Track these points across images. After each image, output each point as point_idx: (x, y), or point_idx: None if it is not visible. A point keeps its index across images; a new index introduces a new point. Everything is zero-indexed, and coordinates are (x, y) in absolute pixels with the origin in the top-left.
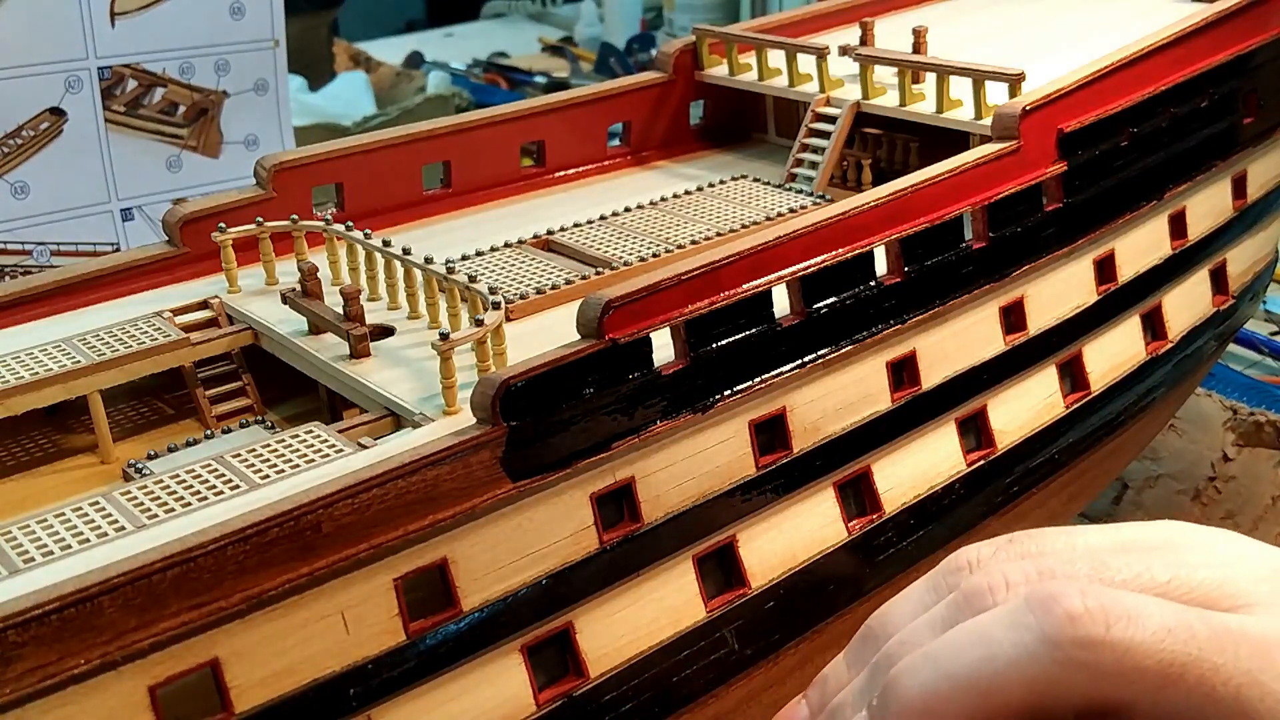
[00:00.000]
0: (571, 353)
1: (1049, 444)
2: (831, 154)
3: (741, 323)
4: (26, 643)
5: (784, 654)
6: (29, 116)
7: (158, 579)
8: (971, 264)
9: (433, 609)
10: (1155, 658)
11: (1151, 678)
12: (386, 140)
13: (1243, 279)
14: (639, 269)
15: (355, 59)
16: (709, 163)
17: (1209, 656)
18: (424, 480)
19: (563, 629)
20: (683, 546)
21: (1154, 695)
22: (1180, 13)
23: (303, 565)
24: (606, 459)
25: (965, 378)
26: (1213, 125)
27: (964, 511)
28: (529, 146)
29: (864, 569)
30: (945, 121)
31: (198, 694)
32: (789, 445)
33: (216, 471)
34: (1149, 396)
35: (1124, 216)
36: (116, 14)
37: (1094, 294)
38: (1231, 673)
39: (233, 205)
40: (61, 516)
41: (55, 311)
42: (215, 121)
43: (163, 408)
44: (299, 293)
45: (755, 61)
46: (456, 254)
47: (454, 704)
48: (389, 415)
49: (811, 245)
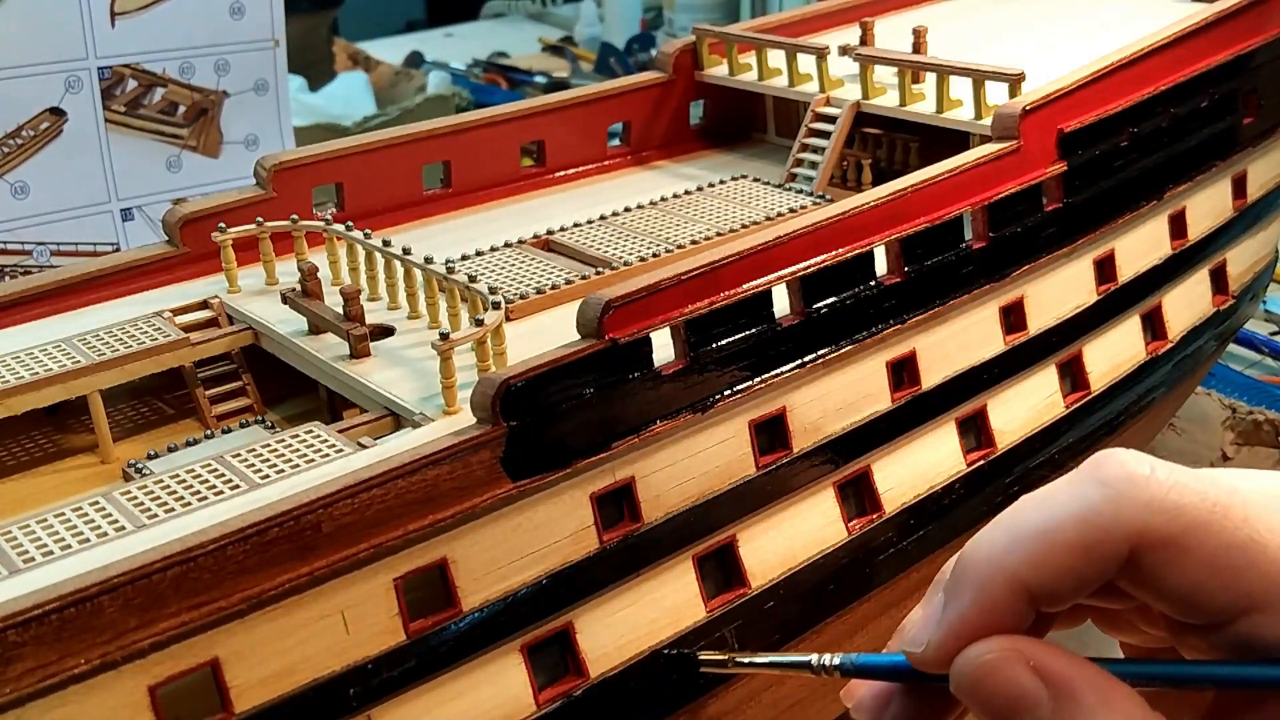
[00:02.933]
0: (571, 353)
1: (1049, 444)
2: (831, 154)
3: (741, 322)
4: (26, 643)
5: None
6: (29, 116)
7: (158, 579)
8: (971, 264)
9: (433, 609)
10: (1199, 495)
11: (1197, 513)
12: (386, 140)
13: (1243, 279)
14: (639, 269)
15: (355, 59)
16: (709, 163)
17: (1256, 500)
18: (424, 480)
19: (563, 629)
20: (683, 546)
21: (1200, 535)
22: (1180, 13)
23: (303, 565)
24: (606, 459)
25: (965, 378)
26: (1212, 125)
27: (964, 511)
28: (529, 146)
29: (864, 569)
30: (945, 121)
31: (198, 694)
32: (789, 445)
33: (216, 471)
34: (1149, 396)
35: (1124, 216)
36: (116, 14)
37: (1094, 294)
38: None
39: (233, 205)
40: (61, 516)
41: (55, 311)
42: (215, 121)
43: (163, 408)
44: (299, 293)
45: (755, 61)
46: (456, 254)
47: (454, 704)
48: (389, 415)
49: (811, 245)
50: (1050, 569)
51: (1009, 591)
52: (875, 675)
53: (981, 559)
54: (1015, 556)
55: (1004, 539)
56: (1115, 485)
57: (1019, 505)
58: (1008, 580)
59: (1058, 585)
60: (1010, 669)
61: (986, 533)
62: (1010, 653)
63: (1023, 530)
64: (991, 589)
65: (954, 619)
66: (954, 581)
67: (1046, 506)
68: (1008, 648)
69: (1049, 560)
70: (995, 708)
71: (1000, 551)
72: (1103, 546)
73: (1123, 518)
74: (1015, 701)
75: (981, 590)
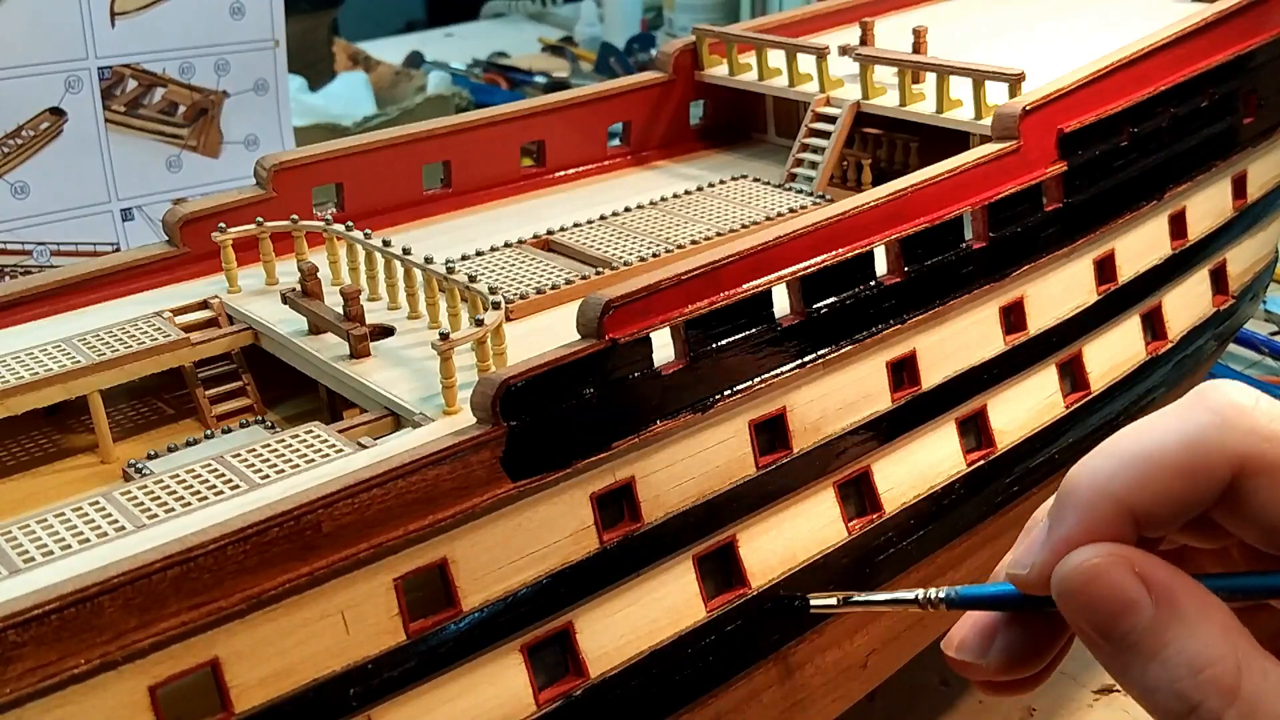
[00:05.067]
0: (571, 353)
1: (1049, 444)
2: (831, 154)
3: (741, 323)
4: (26, 643)
5: (791, 640)
6: (29, 116)
7: (158, 579)
8: (971, 264)
9: (433, 609)
10: None
11: None
12: (386, 140)
13: (1243, 279)
14: (639, 269)
15: (355, 59)
16: (709, 163)
17: None
18: (424, 480)
19: (563, 629)
20: (683, 546)
21: None
22: (1180, 13)
23: (303, 565)
24: (606, 459)
25: (965, 378)
26: (1212, 125)
27: (964, 511)
28: (529, 146)
29: (864, 569)
30: (945, 121)
31: (198, 694)
32: (789, 445)
33: (216, 471)
34: (1149, 396)
35: (1124, 216)
36: (116, 14)
37: (1094, 294)
38: None
39: (233, 205)
40: (61, 516)
41: (55, 311)
42: (215, 121)
43: (163, 408)
44: (299, 293)
45: (755, 61)
46: (456, 254)
47: (454, 704)
48: (389, 415)
49: (811, 245)
50: (1155, 491)
51: (1114, 513)
52: (981, 605)
53: (1086, 482)
54: (1121, 479)
55: (1109, 463)
56: (1221, 412)
57: (1123, 432)
58: (1113, 502)
59: (1161, 508)
60: (1116, 573)
61: (1091, 458)
62: (1116, 557)
63: (1128, 454)
64: (1097, 511)
65: (1059, 540)
66: (1059, 505)
67: (1152, 431)
68: (1114, 552)
69: (1154, 483)
70: (1099, 613)
71: (1106, 474)
72: (1207, 471)
73: (1227, 443)
74: (1121, 607)
75: (1087, 512)
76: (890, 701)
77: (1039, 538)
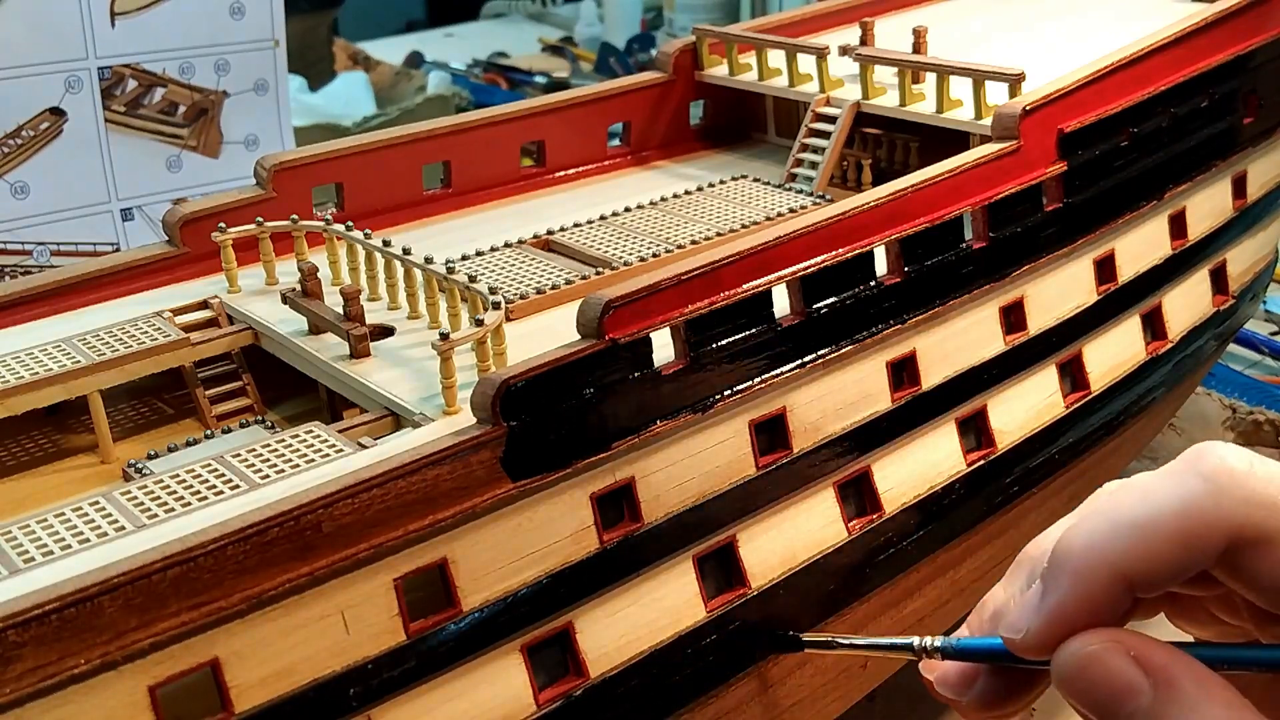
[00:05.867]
0: (571, 353)
1: (1049, 444)
2: (831, 154)
3: (741, 323)
4: (26, 643)
5: (785, 655)
6: (29, 116)
7: (158, 579)
8: (971, 264)
9: (433, 609)
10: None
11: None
12: (386, 140)
13: (1243, 279)
14: (639, 269)
15: (355, 59)
16: (709, 163)
17: None
18: (424, 480)
19: (563, 629)
20: (683, 546)
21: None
22: (1180, 13)
23: (303, 565)
24: (606, 459)
25: (965, 378)
26: (1213, 125)
27: (964, 511)
28: (529, 146)
29: (864, 569)
30: (945, 121)
31: (198, 694)
32: (789, 445)
33: (216, 471)
34: (1149, 396)
35: (1124, 216)
36: (116, 14)
37: (1094, 294)
38: None
39: (233, 205)
40: (61, 516)
41: (55, 311)
42: (215, 121)
43: (163, 408)
44: (299, 293)
45: (755, 61)
46: (456, 254)
47: (454, 704)
48: (389, 415)
49: (811, 245)
50: (1150, 559)
51: (1109, 580)
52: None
53: (1080, 548)
54: (1116, 547)
55: (1104, 529)
56: (1216, 479)
57: (1116, 496)
58: (1108, 569)
59: (1157, 574)
60: (1113, 660)
61: (1085, 522)
62: (1113, 645)
63: (1122, 520)
64: (1092, 578)
65: (1054, 607)
66: (1052, 570)
67: (1147, 498)
68: (1110, 639)
69: (1149, 551)
70: (1097, 698)
71: (1100, 541)
72: (1202, 538)
73: (1223, 511)
74: (1118, 692)
75: (1081, 579)
76: (890, 701)
77: (1031, 602)
